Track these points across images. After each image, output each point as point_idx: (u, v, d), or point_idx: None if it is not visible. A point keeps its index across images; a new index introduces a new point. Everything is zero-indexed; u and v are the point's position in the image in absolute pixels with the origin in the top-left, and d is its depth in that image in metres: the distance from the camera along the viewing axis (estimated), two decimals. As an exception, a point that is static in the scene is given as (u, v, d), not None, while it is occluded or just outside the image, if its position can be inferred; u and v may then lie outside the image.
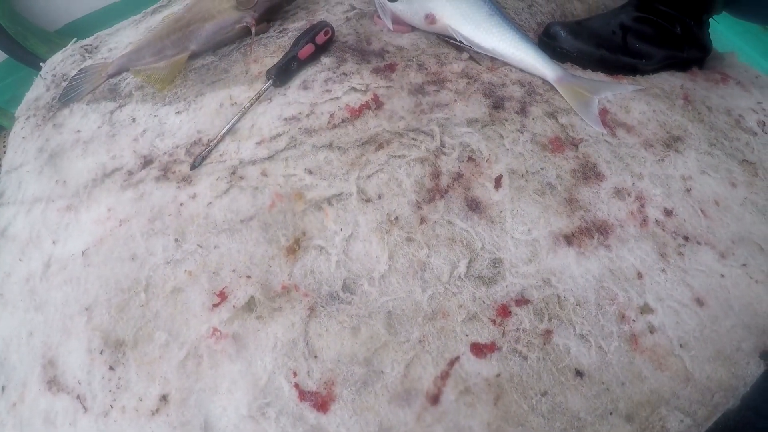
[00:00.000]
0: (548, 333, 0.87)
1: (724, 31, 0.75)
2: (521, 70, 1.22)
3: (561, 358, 0.85)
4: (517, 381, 0.83)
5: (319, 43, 1.26)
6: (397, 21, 1.36)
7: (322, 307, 0.90)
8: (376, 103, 1.16)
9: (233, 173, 1.07)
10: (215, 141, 1.12)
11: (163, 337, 0.89)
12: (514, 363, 0.84)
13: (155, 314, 0.92)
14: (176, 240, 1.00)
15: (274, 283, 0.93)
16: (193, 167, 1.09)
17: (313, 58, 1.26)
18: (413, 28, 1.37)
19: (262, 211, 1.00)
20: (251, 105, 1.18)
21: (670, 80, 1.25)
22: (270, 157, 1.09)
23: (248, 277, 0.93)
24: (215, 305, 0.91)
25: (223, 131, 1.13)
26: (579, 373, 0.84)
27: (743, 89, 1.26)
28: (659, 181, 1.04)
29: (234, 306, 0.90)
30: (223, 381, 0.84)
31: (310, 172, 1.05)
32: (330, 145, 1.10)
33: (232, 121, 1.15)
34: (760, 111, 1.20)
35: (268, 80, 1.20)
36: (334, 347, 0.86)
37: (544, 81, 1.19)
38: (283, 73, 1.21)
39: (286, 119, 1.15)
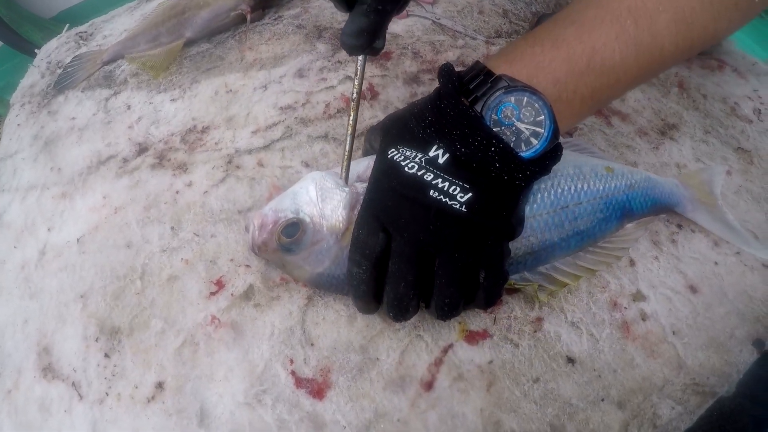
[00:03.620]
0: (539, 321, 0.87)
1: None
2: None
3: (552, 345, 0.85)
4: (509, 368, 0.83)
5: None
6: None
7: (320, 296, 0.90)
8: (372, 93, 1.16)
9: (229, 162, 1.08)
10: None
11: (159, 324, 0.89)
12: (506, 350, 0.85)
13: (151, 302, 0.92)
14: (172, 228, 1.00)
15: (273, 275, 0.93)
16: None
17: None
18: (408, 13, 1.37)
19: (260, 203, 1.00)
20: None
21: (664, 67, 1.25)
22: (266, 147, 1.10)
23: (247, 266, 0.93)
24: (212, 293, 0.91)
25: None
26: (570, 360, 0.84)
27: (739, 76, 1.26)
28: (654, 170, 1.04)
29: (232, 294, 0.90)
30: (219, 368, 0.85)
31: (307, 165, 1.05)
32: (326, 136, 1.10)
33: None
34: (755, 99, 1.20)
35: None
36: (330, 335, 0.86)
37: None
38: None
39: (281, 108, 1.15)
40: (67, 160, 1.17)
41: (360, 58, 0.82)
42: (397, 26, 1.34)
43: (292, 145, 1.09)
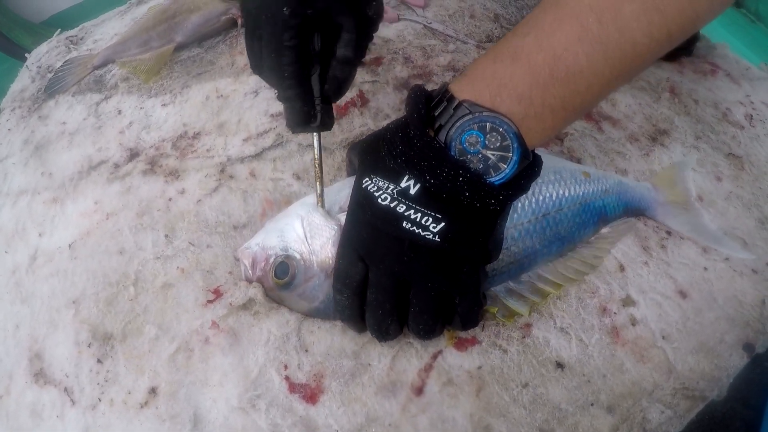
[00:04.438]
0: (528, 327, 0.88)
1: (712, 23, 0.74)
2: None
3: (541, 350, 0.86)
4: (498, 373, 0.84)
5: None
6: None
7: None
8: (362, 100, 1.17)
9: (222, 171, 1.08)
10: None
11: (153, 331, 0.89)
12: (494, 356, 0.85)
13: (144, 308, 0.92)
14: (166, 236, 1.00)
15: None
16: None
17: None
18: (399, 17, 1.37)
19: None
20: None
21: (656, 72, 1.26)
22: (257, 155, 1.10)
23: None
24: (209, 301, 0.91)
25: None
26: (560, 365, 0.84)
27: (732, 81, 1.26)
28: (644, 177, 1.05)
29: (231, 303, 0.90)
30: (214, 374, 0.85)
31: (298, 177, 1.06)
32: (316, 145, 1.10)
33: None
34: (748, 104, 1.21)
35: None
36: (324, 342, 0.87)
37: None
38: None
39: (272, 115, 1.16)
40: (58, 164, 1.17)
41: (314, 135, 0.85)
42: (388, 30, 1.34)
43: (283, 155, 1.09)
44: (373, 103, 1.17)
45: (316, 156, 0.87)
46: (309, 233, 0.87)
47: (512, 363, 0.85)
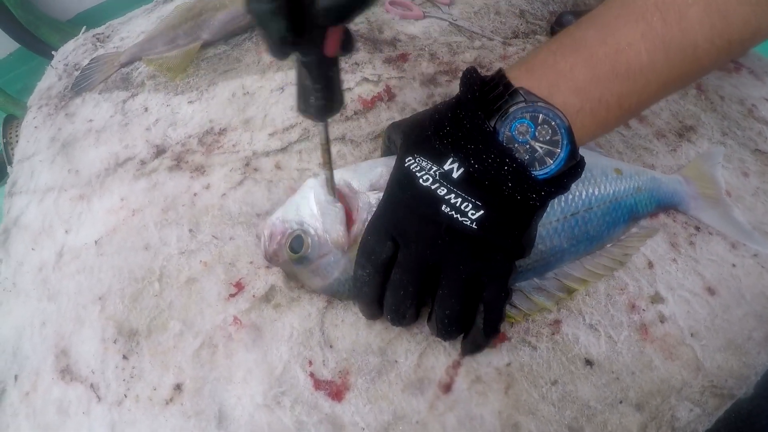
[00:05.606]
0: (557, 323, 0.87)
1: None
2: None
3: (570, 347, 0.85)
4: (527, 370, 0.83)
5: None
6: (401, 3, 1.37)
7: (339, 299, 0.90)
8: (389, 95, 1.16)
9: (247, 164, 1.08)
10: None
11: (178, 326, 0.89)
12: (523, 353, 0.85)
13: (169, 304, 0.92)
14: (190, 230, 1.00)
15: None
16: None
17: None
18: (425, 14, 1.37)
19: (278, 207, 0.99)
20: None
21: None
22: (283, 149, 1.10)
23: (268, 267, 0.94)
24: (232, 295, 0.91)
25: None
26: (589, 363, 0.84)
27: (756, 78, 1.25)
28: (671, 172, 1.04)
29: (254, 296, 0.90)
30: (238, 370, 0.85)
31: (324, 168, 1.05)
32: (343, 138, 1.10)
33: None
34: (773, 100, 1.20)
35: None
36: (349, 337, 0.86)
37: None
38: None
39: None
40: (85, 162, 1.18)
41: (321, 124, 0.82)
42: (414, 27, 1.34)
43: (309, 148, 1.09)
44: (400, 97, 1.17)
45: (323, 142, 0.86)
46: (319, 211, 0.86)
47: (541, 360, 0.84)
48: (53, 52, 1.59)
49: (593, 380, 0.82)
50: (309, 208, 0.87)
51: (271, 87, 1.23)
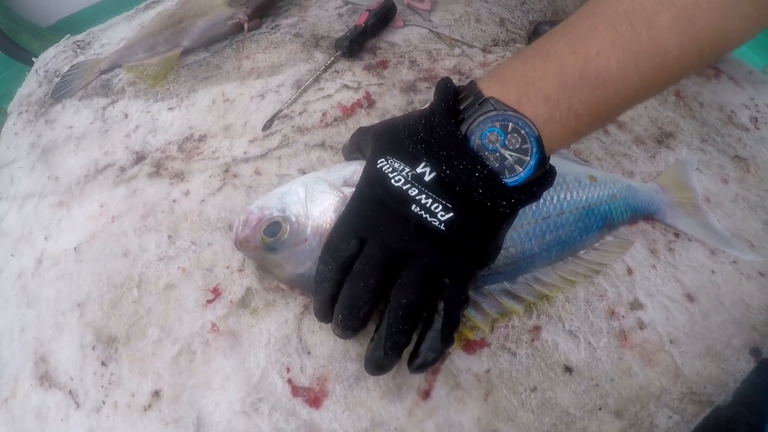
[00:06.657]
0: (537, 329, 0.87)
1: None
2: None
3: (550, 354, 0.85)
4: (506, 377, 0.83)
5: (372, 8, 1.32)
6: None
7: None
8: (368, 102, 1.17)
9: (226, 171, 1.08)
10: (287, 103, 1.17)
11: (156, 333, 0.89)
12: (503, 359, 0.85)
13: (148, 310, 0.92)
14: (169, 236, 1.00)
15: (270, 277, 0.93)
16: (265, 128, 1.14)
17: (376, 27, 1.32)
18: (405, 23, 1.38)
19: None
20: (323, 72, 1.24)
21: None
22: (263, 155, 1.10)
23: (240, 270, 0.93)
24: (209, 302, 0.91)
25: (294, 96, 1.19)
26: (568, 369, 0.84)
27: (736, 85, 1.26)
28: (650, 178, 1.04)
29: (231, 302, 0.90)
30: (216, 377, 0.84)
31: (304, 172, 1.05)
32: (323, 144, 1.10)
33: (305, 84, 1.21)
34: (752, 107, 1.21)
35: (338, 51, 1.26)
36: (327, 344, 0.86)
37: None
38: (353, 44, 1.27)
39: (279, 117, 1.15)
40: (65, 168, 1.17)
41: None
42: (394, 35, 1.35)
43: (289, 154, 1.09)
44: (380, 104, 1.17)
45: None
46: (310, 198, 0.86)
47: (521, 366, 0.84)
48: (34, 59, 1.59)
49: (572, 387, 0.83)
50: (296, 197, 0.87)
51: (251, 94, 1.23)
